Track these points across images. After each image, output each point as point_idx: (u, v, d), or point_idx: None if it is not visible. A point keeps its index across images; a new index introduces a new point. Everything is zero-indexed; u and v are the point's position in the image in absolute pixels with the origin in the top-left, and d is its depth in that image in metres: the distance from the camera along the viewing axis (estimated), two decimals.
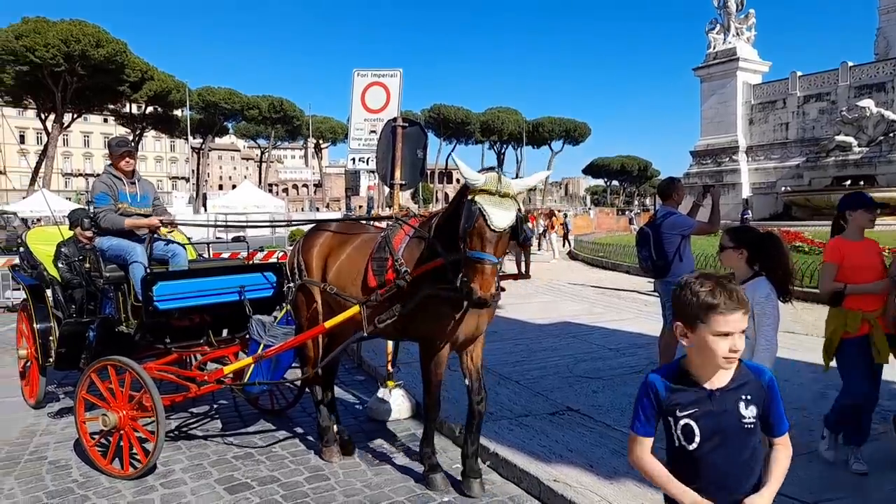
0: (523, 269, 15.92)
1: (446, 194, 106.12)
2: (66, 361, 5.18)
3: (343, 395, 6.00)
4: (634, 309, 10.36)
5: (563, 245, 25.36)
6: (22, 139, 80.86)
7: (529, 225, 3.87)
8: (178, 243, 5.38)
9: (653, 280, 6.67)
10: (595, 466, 3.93)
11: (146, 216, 5.13)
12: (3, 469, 4.37)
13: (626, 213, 56.99)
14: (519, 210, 3.27)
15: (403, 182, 5.64)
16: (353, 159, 7.11)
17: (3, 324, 10.28)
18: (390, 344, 5.52)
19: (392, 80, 6.67)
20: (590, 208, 73.73)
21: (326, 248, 4.41)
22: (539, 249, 24.00)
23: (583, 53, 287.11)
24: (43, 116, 52.64)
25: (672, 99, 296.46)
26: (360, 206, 73.36)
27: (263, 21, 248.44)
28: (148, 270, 4.77)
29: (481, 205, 3.18)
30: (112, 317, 4.98)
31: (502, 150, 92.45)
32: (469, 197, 3.27)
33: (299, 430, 5.11)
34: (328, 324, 4.11)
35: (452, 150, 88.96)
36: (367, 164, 7.02)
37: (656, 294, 6.42)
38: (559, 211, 34.14)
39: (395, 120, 5.63)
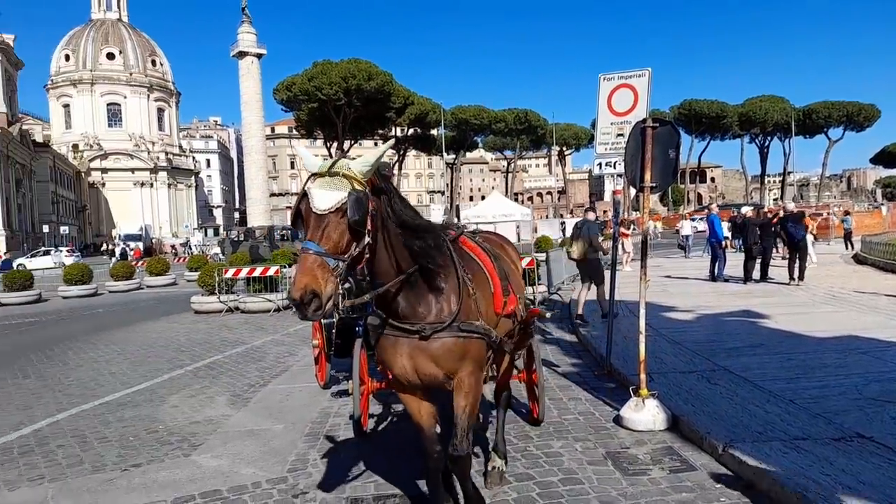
0: (795, 274, 14.36)
1: (699, 195, 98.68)
2: (342, 350, 6.07)
3: (594, 401, 5.97)
4: None
5: (847, 247, 21.98)
6: None
7: (791, 227, 3.33)
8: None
9: None
10: None
11: None
12: (308, 443, 5.23)
13: None
14: (354, 191, 2.69)
15: (654, 185, 5.45)
16: (600, 164, 7.07)
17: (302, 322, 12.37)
18: (642, 351, 5.36)
19: (640, 80, 6.50)
20: (881, 203, 62.52)
21: None
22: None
23: (865, 26, 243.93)
24: (328, 145, 61.87)
25: None
26: (606, 211, 71.88)
27: (507, 34, 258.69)
28: None
29: (308, 187, 2.76)
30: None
31: (766, 143, 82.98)
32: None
33: (550, 432, 5.21)
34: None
35: (706, 147, 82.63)
36: (615, 168, 6.93)
37: None
38: (836, 208, 29.52)
39: (644, 121, 5.46)
